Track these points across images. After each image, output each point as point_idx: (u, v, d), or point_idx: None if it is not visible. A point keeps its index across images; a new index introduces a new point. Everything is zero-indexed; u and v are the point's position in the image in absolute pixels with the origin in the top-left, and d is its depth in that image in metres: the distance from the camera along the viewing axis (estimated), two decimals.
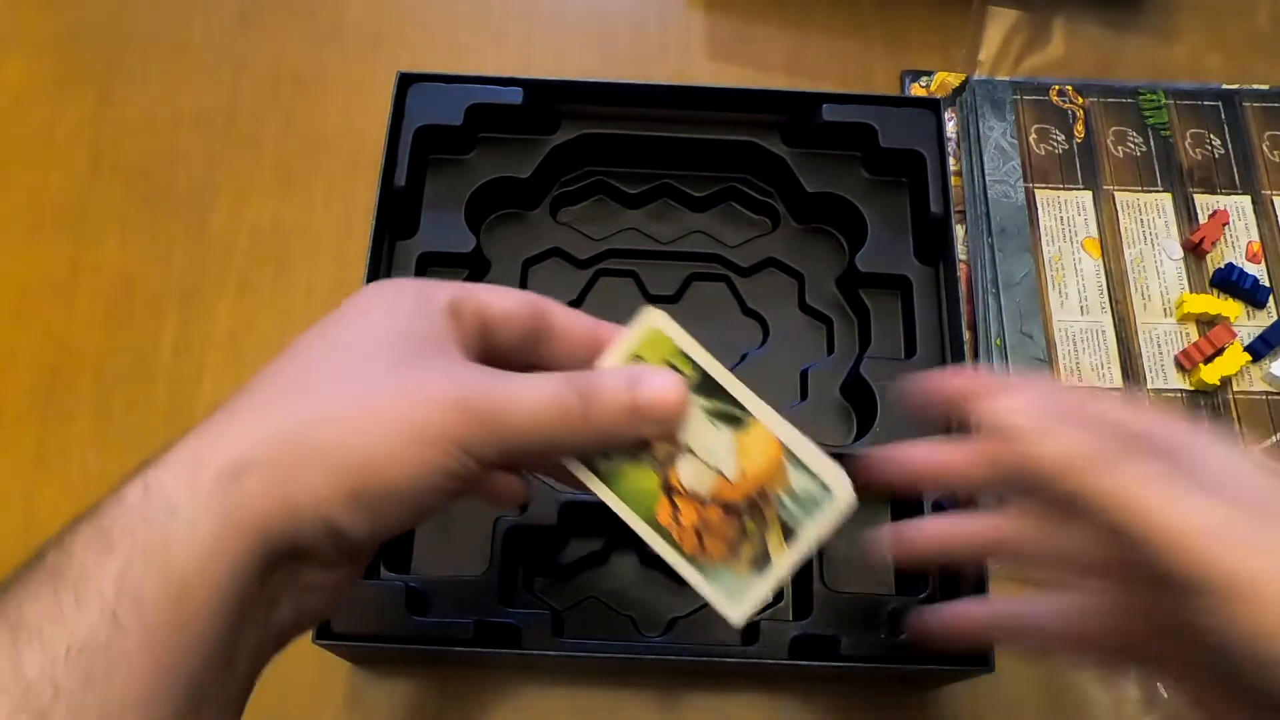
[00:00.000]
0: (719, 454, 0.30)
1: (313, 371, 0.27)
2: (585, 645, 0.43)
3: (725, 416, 0.31)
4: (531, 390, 0.27)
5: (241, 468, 0.25)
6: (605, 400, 0.27)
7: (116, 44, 0.59)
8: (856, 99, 0.50)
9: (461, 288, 0.29)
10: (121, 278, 0.53)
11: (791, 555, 0.30)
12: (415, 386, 0.26)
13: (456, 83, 0.50)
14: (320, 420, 0.26)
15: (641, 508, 0.30)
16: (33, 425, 0.49)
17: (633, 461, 0.30)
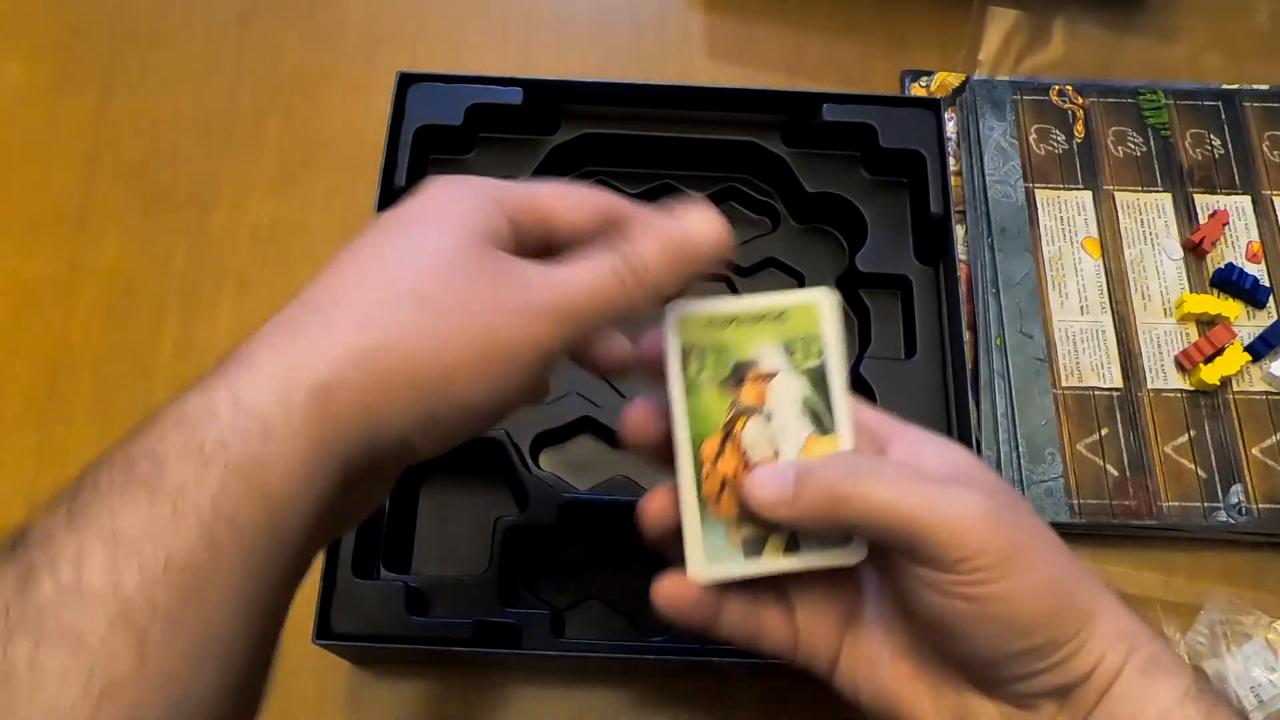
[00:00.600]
0: (788, 439, 0.31)
1: (392, 282, 0.26)
2: (585, 645, 0.43)
3: (815, 415, 0.31)
4: (592, 274, 0.28)
5: (332, 387, 0.25)
6: (652, 265, 0.28)
7: (116, 44, 0.59)
8: (856, 99, 0.50)
9: (526, 195, 0.29)
10: (121, 278, 0.53)
11: (779, 563, 0.31)
12: (490, 302, 0.26)
13: (456, 83, 0.50)
14: (404, 338, 0.26)
15: (696, 429, 0.31)
16: (33, 425, 0.49)
17: (718, 389, 0.31)
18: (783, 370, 0.31)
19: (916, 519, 0.28)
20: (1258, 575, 0.47)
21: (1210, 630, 0.46)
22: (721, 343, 0.31)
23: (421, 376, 0.25)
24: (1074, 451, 0.48)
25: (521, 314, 0.26)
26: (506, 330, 0.26)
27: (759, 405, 0.31)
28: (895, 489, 0.28)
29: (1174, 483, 0.47)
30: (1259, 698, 0.44)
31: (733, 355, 0.31)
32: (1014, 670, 0.29)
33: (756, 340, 0.31)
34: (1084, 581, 0.29)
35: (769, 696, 0.45)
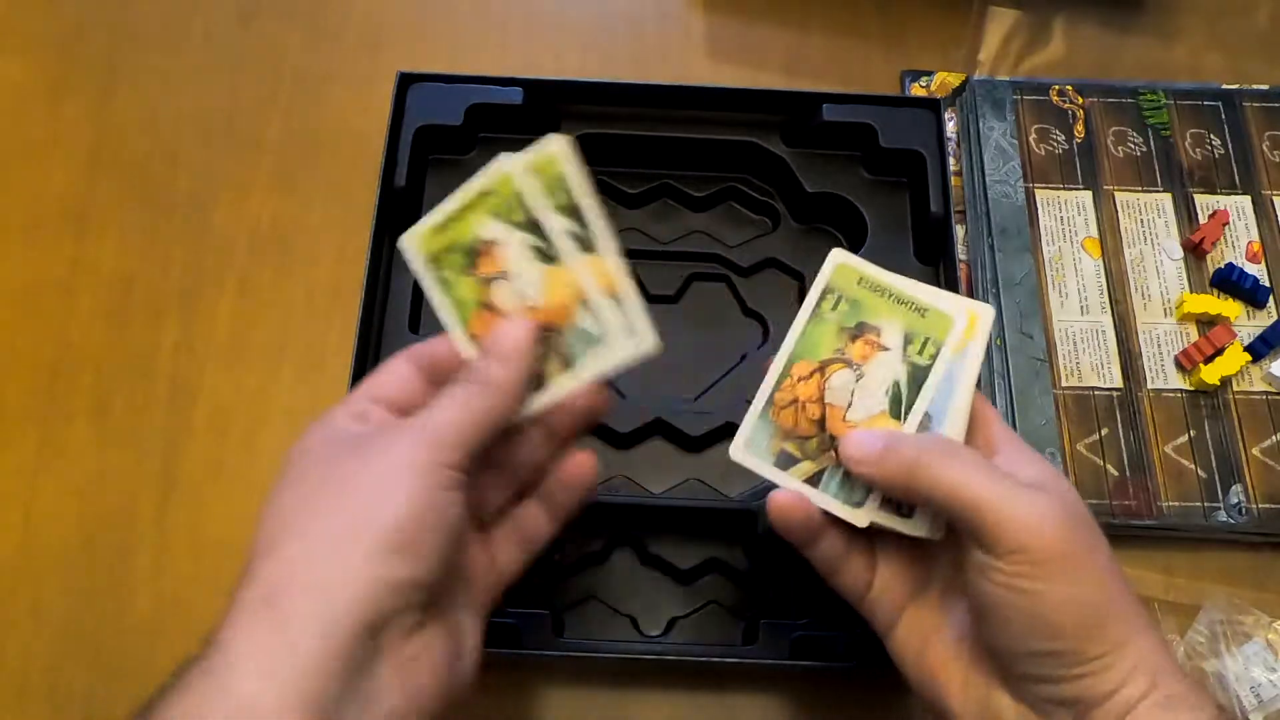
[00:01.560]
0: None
1: (292, 509, 0.30)
2: (585, 645, 0.43)
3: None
4: (441, 405, 0.32)
5: (274, 592, 0.28)
6: (489, 372, 0.33)
7: (116, 44, 0.59)
8: (856, 99, 0.50)
9: (356, 396, 0.33)
10: (121, 278, 0.53)
11: (566, 382, 0.34)
12: (378, 453, 0.30)
13: (456, 83, 0.50)
14: (322, 525, 0.29)
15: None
16: (33, 425, 0.49)
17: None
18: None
19: (981, 504, 0.31)
20: (1258, 575, 0.47)
21: (1210, 630, 0.46)
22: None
23: (354, 529, 0.29)
24: (1074, 451, 0.48)
25: (399, 445, 0.30)
26: (395, 457, 0.30)
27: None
28: (969, 473, 0.32)
29: (1174, 483, 0.47)
30: (1259, 698, 0.44)
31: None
32: (1035, 669, 0.31)
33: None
34: (1125, 612, 0.31)
35: (769, 696, 0.45)
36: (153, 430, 0.49)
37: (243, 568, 0.29)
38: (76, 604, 0.46)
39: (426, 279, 0.35)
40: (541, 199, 0.35)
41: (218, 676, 0.26)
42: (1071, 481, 0.47)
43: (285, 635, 0.27)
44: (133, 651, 0.45)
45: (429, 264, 0.35)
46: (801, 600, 0.43)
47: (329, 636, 0.27)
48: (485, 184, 0.36)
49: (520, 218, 0.35)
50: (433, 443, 0.30)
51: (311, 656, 0.26)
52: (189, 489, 0.48)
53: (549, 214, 0.35)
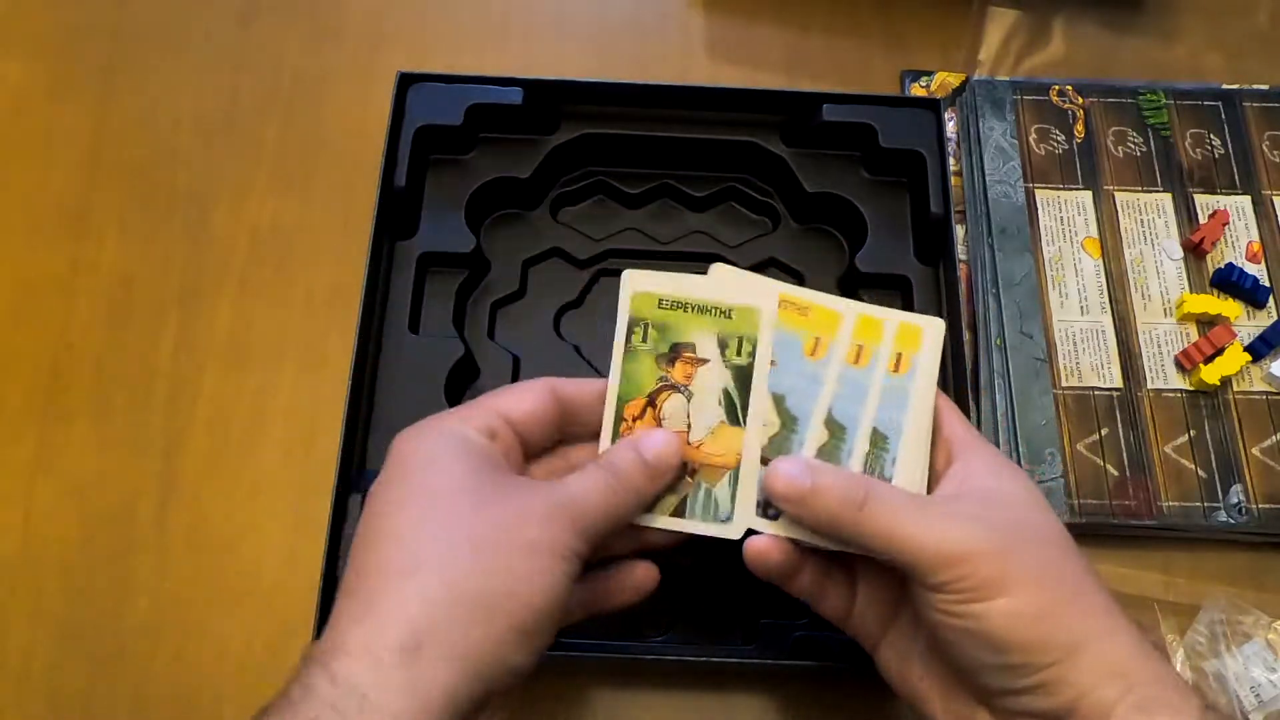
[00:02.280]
0: (700, 420, 0.35)
1: (431, 532, 0.30)
2: (585, 645, 0.43)
3: (730, 406, 0.35)
4: (585, 484, 0.32)
5: (418, 642, 0.27)
6: (630, 470, 0.33)
7: (116, 44, 0.59)
8: (856, 99, 0.50)
9: (486, 409, 0.33)
10: (121, 278, 0.53)
11: (669, 523, 0.35)
12: (519, 514, 0.30)
13: (456, 83, 0.50)
14: (458, 572, 0.29)
15: (625, 388, 0.35)
16: (33, 425, 0.49)
17: (653, 361, 0.35)
18: (713, 360, 0.35)
19: (906, 543, 0.31)
20: (1258, 575, 0.47)
21: (1210, 630, 0.46)
22: (666, 322, 0.36)
23: (494, 603, 0.28)
24: (1074, 451, 0.48)
25: (536, 521, 0.30)
26: (531, 535, 0.30)
27: (684, 384, 0.35)
28: (892, 516, 0.32)
29: (1174, 483, 0.47)
30: (1259, 698, 0.44)
31: (673, 335, 0.36)
32: (994, 683, 0.32)
33: (698, 327, 0.35)
34: (1083, 616, 0.31)
35: (769, 696, 0.45)
36: (153, 430, 0.49)
37: (352, 567, 0.29)
38: (76, 604, 0.46)
39: (620, 331, 0.36)
40: (767, 361, 0.35)
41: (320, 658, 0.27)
42: (1071, 481, 0.47)
43: (422, 700, 0.27)
44: (133, 651, 0.45)
45: (630, 322, 0.35)
46: (801, 601, 0.43)
47: (454, 703, 0.27)
48: (735, 303, 0.36)
49: (738, 360, 0.35)
50: (574, 526, 0.31)
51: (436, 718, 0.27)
52: (189, 489, 0.48)
53: (763, 379, 0.35)
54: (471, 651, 0.28)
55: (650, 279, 0.36)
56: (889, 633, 0.36)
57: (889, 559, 0.32)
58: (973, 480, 0.34)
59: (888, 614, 0.37)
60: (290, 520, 0.48)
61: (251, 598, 0.46)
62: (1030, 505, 0.33)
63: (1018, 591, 0.31)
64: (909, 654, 0.36)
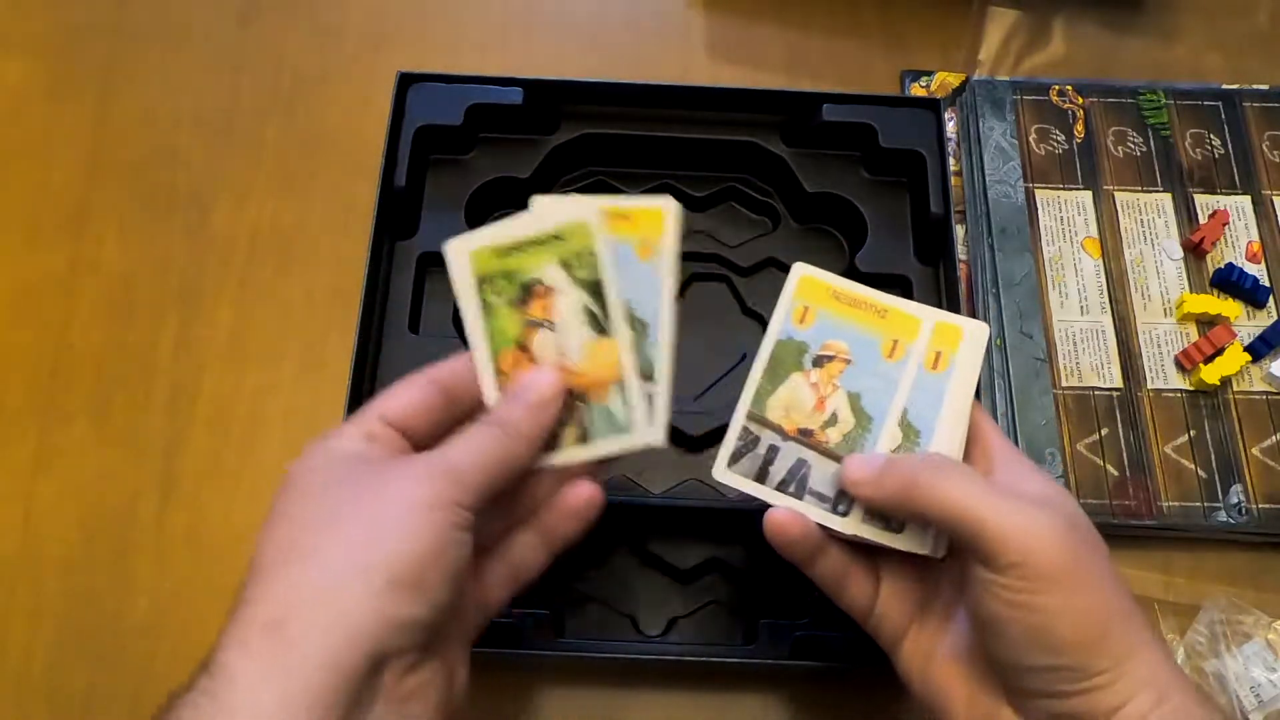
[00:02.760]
0: (571, 345, 0.35)
1: (301, 526, 0.30)
2: (585, 645, 0.43)
3: (594, 320, 0.35)
4: (465, 441, 0.32)
5: (280, 618, 0.27)
6: (512, 418, 0.33)
7: (116, 44, 0.59)
8: (856, 99, 0.50)
9: (362, 415, 0.33)
10: (121, 278, 0.53)
11: (578, 453, 0.34)
12: (391, 484, 0.30)
13: (456, 83, 0.50)
14: (331, 550, 0.29)
15: (496, 344, 0.35)
16: (33, 425, 0.49)
17: (510, 309, 0.35)
18: (563, 285, 0.35)
19: (980, 519, 0.31)
20: (1258, 575, 0.47)
21: (1210, 630, 0.46)
22: (510, 267, 0.35)
23: (362, 562, 0.28)
24: (1074, 451, 0.48)
25: (413, 481, 0.30)
26: (408, 493, 0.30)
27: (546, 318, 0.35)
28: (968, 489, 0.32)
29: (1174, 483, 0.47)
30: (1259, 698, 0.44)
31: (519, 277, 0.35)
32: (1039, 684, 0.31)
33: (538, 260, 0.35)
34: (1128, 625, 0.31)
35: (769, 696, 0.45)
36: (153, 430, 0.49)
37: (243, 584, 0.29)
38: (76, 604, 0.46)
39: (468, 296, 0.35)
40: (613, 264, 0.35)
41: (222, 702, 0.26)
42: (1071, 481, 0.47)
43: (290, 667, 0.26)
44: (133, 651, 0.45)
45: (477, 282, 0.35)
46: (801, 600, 0.43)
47: (334, 671, 0.27)
48: (560, 227, 0.35)
49: (585, 275, 0.35)
50: (451, 481, 0.30)
51: (316, 691, 0.26)
52: (189, 489, 0.48)
53: (614, 283, 0.35)
54: (343, 614, 0.27)
55: (472, 238, 0.36)
56: (912, 630, 0.36)
57: (961, 531, 0.32)
58: (1021, 486, 0.34)
59: (912, 610, 0.36)
60: None
61: None
62: (1079, 515, 0.33)
63: (1084, 593, 0.30)
64: (932, 652, 0.35)
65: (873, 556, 0.37)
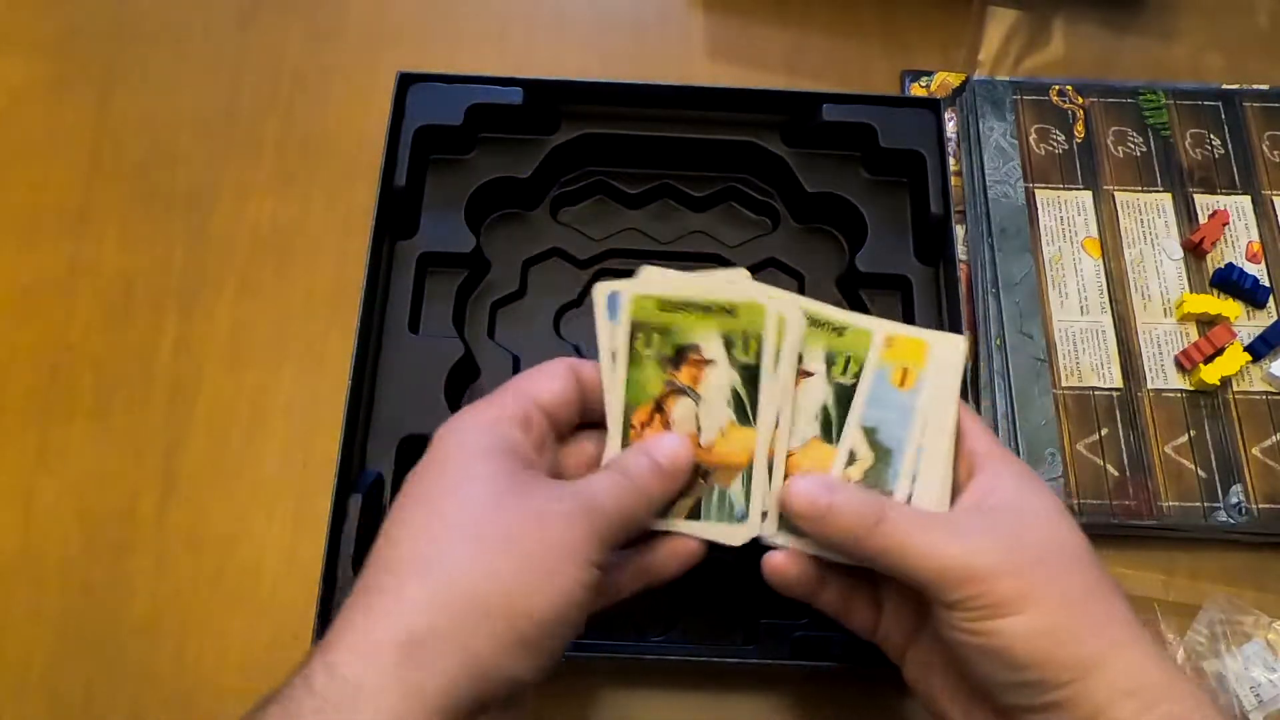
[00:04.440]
0: (710, 421, 0.34)
1: (447, 529, 0.29)
2: (586, 645, 0.43)
3: (740, 405, 0.34)
4: (603, 485, 0.32)
5: (418, 640, 0.27)
6: (641, 474, 0.33)
7: (116, 44, 0.59)
8: (856, 99, 0.50)
9: (520, 396, 0.33)
10: (121, 278, 0.53)
11: (681, 526, 0.35)
12: (535, 521, 0.30)
13: (456, 83, 0.50)
14: (474, 575, 0.28)
15: (632, 396, 0.35)
16: (33, 424, 0.49)
17: (658, 365, 0.35)
18: (719, 360, 0.34)
19: (922, 563, 0.32)
20: (1258, 575, 0.47)
21: (1210, 630, 0.46)
22: (668, 324, 0.35)
23: (500, 609, 0.28)
24: (1074, 451, 0.48)
25: (556, 529, 0.30)
26: (549, 543, 0.29)
27: (692, 387, 0.35)
28: (908, 536, 0.32)
29: (1174, 483, 0.47)
30: (1259, 698, 0.44)
31: (677, 338, 0.35)
32: (1012, 699, 0.32)
33: (702, 328, 0.34)
34: (1102, 632, 0.31)
35: (769, 696, 0.45)
36: (153, 430, 0.49)
37: (372, 559, 0.29)
38: (76, 604, 0.46)
39: (619, 338, 0.35)
40: (776, 357, 0.34)
41: (348, 715, 0.26)
42: (1071, 481, 0.47)
43: (420, 696, 0.26)
44: (133, 651, 0.45)
45: (632, 328, 0.35)
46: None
47: (451, 711, 0.27)
48: (735, 301, 0.34)
49: (744, 358, 0.34)
50: (594, 532, 0.30)
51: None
52: (189, 489, 0.48)
53: (774, 376, 0.34)
54: (471, 657, 0.27)
55: (648, 282, 0.35)
56: (913, 646, 0.37)
57: (905, 578, 0.32)
58: (994, 495, 0.34)
59: (912, 628, 0.37)
60: (290, 520, 0.48)
61: (251, 598, 0.46)
62: (1051, 519, 0.33)
63: (1034, 609, 0.31)
64: (931, 667, 0.36)
65: (872, 581, 0.37)
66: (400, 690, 0.26)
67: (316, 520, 0.43)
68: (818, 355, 0.35)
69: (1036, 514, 0.33)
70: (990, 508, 0.33)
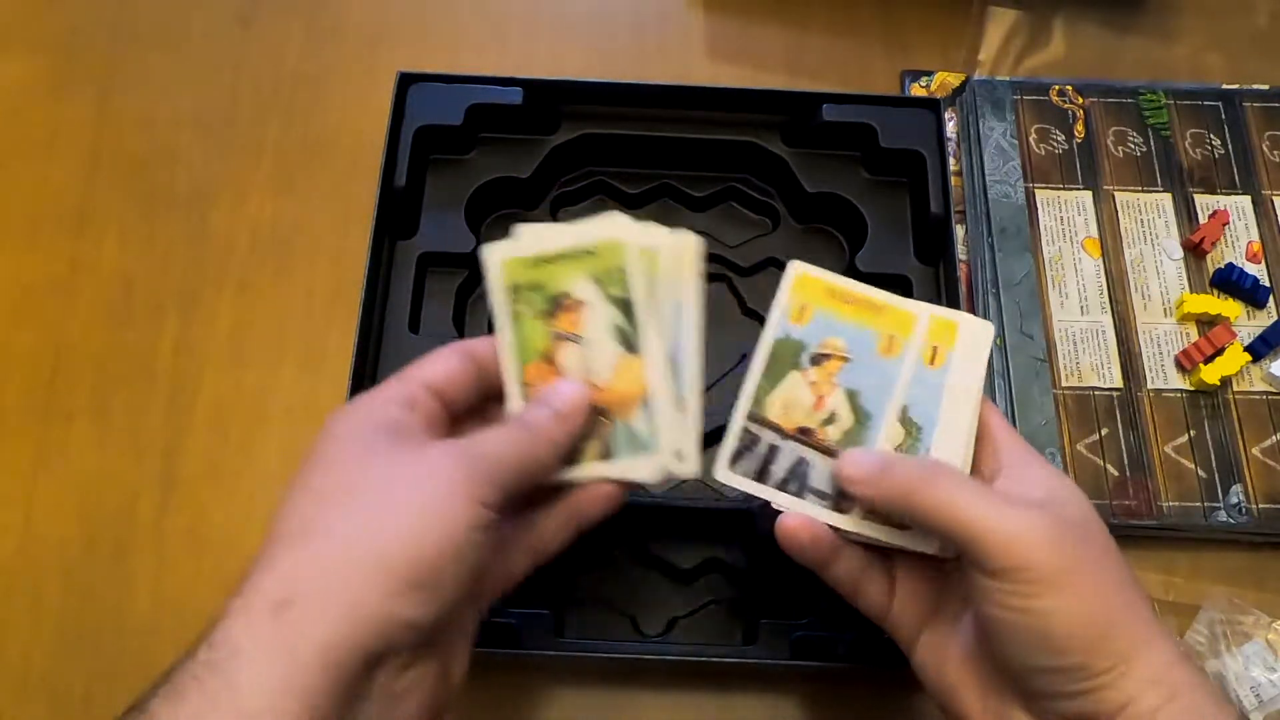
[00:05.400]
0: (600, 361, 0.35)
1: (323, 500, 0.30)
2: (585, 645, 0.43)
3: (625, 337, 0.35)
4: (496, 435, 0.32)
5: (289, 599, 0.27)
6: (539, 422, 0.33)
7: (116, 44, 0.59)
8: (856, 99, 0.50)
9: (405, 379, 0.33)
10: (121, 278, 0.53)
11: (598, 469, 0.34)
12: (416, 470, 0.30)
13: (456, 83, 0.50)
14: (349, 532, 0.29)
15: (522, 355, 0.35)
16: (33, 425, 0.49)
17: (539, 320, 0.35)
18: (593, 300, 0.35)
19: (974, 524, 0.31)
20: (1258, 575, 0.47)
21: (1210, 630, 0.46)
22: (540, 279, 0.35)
23: (379, 555, 0.28)
24: (1074, 451, 0.48)
25: (439, 473, 0.30)
26: (431, 486, 0.29)
27: (574, 332, 0.35)
28: (962, 495, 0.32)
29: (1174, 483, 0.47)
30: (1259, 698, 0.44)
31: (550, 289, 0.35)
32: (1044, 685, 0.31)
33: (571, 275, 0.35)
34: (1134, 624, 0.31)
35: (769, 696, 0.45)
36: (153, 430, 0.49)
37: (263, 543, 0.29)
38: (76, 604, 0.46)
39: (499, 304, 0.35)
40: (645, 286, 0.35)
41: (225, 678, 0.26)
42: (1073, 479, 0.47)
43: (294, 651, 0.26)
44: (133, 651, 0.45)
45: (508, 291, 0.35)
46: (801, 600, 0.43)
47: (334, 664, 0.27)
48: (594, 243, 0.35)
49: (617, 292, 0.35)
50: (477, 474, 0.30)
51: (315, 680, 0.26)
52: (189, 489, 0.48)
53: (647, 303, 0.34)
54: (348, 608, 0.27)
55: (506, 246, 0.36)
56: (926, 629, 0.36)
57: (956, 538, 0.32)
58: (1027, 484, 0.34)
59: (926, 610, 0.36)
60: None
61: None
62: (1083, 511, 0.33)
63: (1076, 593, 0.30)
64: (946, 651, 0.35)
65: (887, 558, 0.37)
66: (275, 646, 0.26)
67: None
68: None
69: (1070, 505, 0.33)
70: (1025, 495, 0.33)
